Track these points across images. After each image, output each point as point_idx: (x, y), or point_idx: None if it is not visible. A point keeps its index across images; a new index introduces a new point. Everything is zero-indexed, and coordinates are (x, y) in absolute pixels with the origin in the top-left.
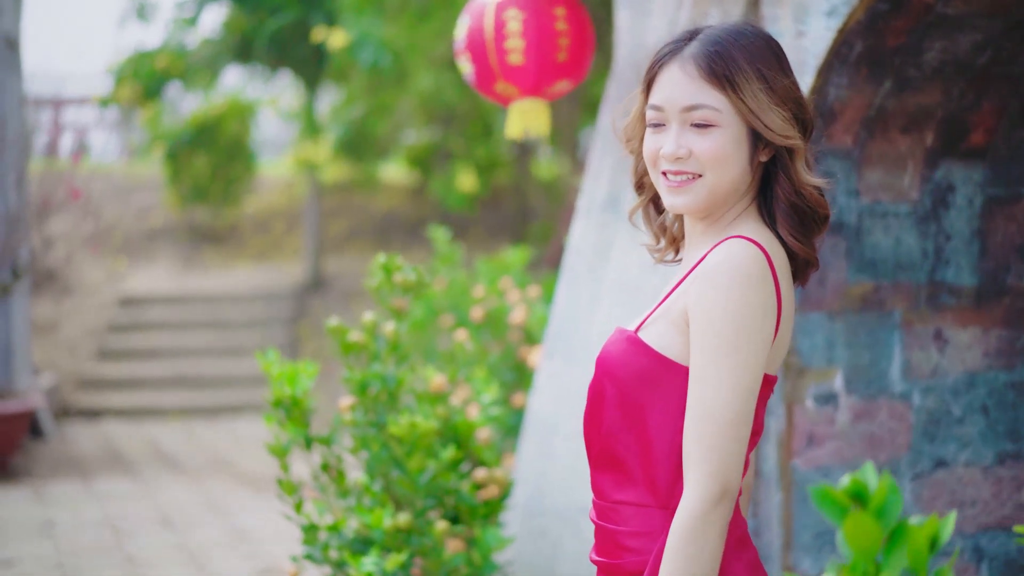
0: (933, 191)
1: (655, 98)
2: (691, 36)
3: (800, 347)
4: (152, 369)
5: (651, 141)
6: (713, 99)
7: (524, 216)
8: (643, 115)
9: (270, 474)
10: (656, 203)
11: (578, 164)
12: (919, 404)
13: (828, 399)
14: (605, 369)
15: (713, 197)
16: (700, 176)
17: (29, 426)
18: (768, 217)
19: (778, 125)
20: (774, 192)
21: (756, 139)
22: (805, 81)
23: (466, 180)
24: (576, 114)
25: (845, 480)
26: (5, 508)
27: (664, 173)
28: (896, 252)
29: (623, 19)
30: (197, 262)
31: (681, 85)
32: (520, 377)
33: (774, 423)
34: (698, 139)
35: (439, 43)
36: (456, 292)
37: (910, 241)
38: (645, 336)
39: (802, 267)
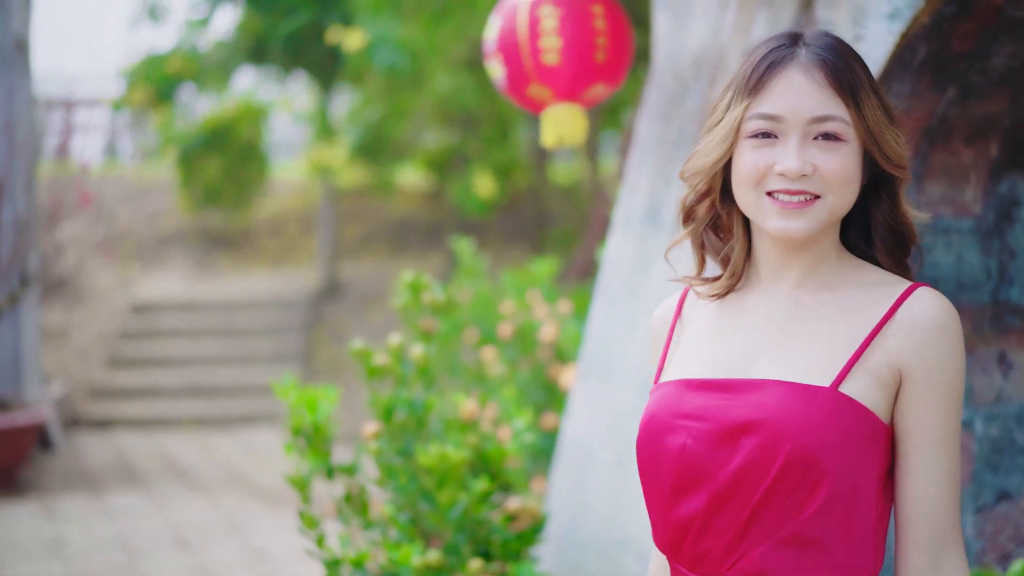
0: (997, 205)
1: (769, 106)
2: (795, 39)
3: None
4: (164, 378)
5: (757, 156)
6: (842, 111)
7: (542, 222)
8: (736, 128)
9: (287, 488)
10: (715, 230)
11: (597, 169)
12: (982, 432)
13: None
14: (809, 438)
15: (830, 221)
16: (819, 197)
17: (38, 438)
18: (858, 243)
19: (894, 147)
20: (872, 217)
21: (867, 159)
22: None
23: (483, 184)
24: (596, 118)
25: (1016, 567)
26: (13, 525)
27: (771, 193)
28: (958, 270)
29: (661, 22)
30: (210, 267)
31: (808, 93)
32: (551, 397)
33: None
34: (823, 155)
35: (457, 44)
36: (481, 305)
37: (972, 259)
38: (850, 393)
39: None
